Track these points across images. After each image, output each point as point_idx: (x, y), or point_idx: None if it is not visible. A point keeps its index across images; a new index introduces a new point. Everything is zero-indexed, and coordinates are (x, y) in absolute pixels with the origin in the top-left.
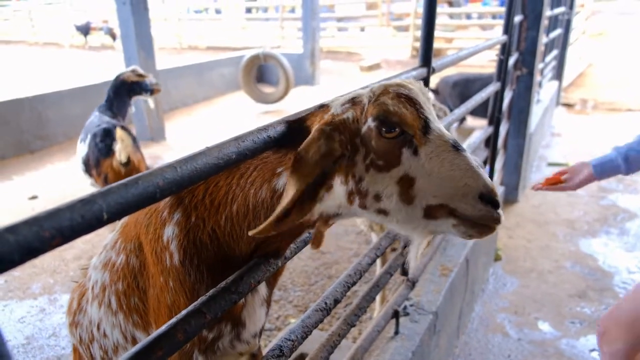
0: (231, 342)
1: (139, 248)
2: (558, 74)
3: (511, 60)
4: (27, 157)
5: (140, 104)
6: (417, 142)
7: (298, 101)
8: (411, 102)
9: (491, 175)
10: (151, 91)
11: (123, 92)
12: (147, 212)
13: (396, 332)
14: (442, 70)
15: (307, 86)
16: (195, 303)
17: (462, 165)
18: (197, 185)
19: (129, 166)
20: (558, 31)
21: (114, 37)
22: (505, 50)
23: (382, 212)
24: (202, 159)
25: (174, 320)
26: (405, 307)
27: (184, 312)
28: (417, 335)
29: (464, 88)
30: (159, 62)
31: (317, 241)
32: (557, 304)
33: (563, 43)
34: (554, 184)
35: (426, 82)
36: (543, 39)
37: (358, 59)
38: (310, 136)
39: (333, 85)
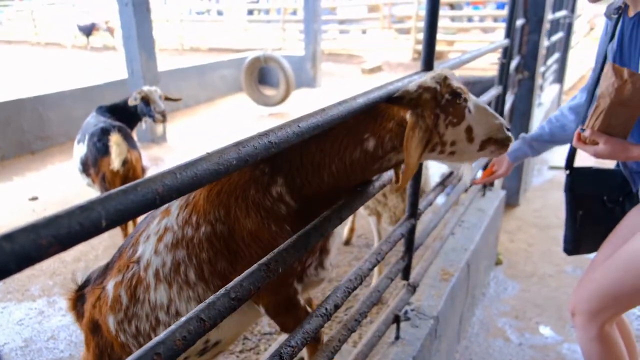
0: (316, 269)
1: (225, 215)
2: (559, 77)
3: (513, 64)
4: (28, 158)
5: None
6: (469, 104)
7: (299, 103)
8: (457, 81)
9: None
10: (154, 118)
11: (131, 108)
12: (235, 184)
13: (397, 337)
14: None
15: (308, 88)
16: (194, 310)
17: (490, 112)
18: (287, 153)
19: (126, 165)
20: (559, 34)
21: (111, 32)
22: (507, 54)
23: (452, 152)
24: (203, 165)
25: (173, 327)
26: (406, 312)
27: (183, 319)
28: (418, 340)
29: None
30: (160, 64)
31: (404, 178)
32: (559, 308)
33: (564, 46)
34: (489, 175)
35: None
36: (545, 43)
37: (359, 62)
38: (415, 116)
39: (334, 88)
